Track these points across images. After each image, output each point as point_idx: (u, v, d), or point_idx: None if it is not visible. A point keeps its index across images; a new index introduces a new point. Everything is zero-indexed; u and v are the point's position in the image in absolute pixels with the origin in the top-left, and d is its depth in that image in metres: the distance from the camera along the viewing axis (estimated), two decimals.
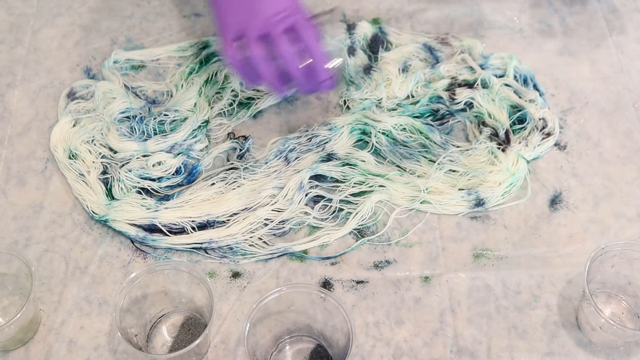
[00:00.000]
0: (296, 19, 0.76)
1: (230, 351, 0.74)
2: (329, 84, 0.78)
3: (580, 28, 1.00)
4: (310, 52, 0.76)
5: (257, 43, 0.76)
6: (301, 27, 0.76)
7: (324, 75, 0.77)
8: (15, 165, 0.87)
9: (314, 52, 0.76)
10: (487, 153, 0.86)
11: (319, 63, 0.76)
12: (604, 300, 0.77)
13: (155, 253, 0.81)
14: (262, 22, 0.76)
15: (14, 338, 0.73)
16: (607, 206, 0.84)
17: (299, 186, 0.83)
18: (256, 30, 0.76)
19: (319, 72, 0.77)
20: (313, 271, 0.79)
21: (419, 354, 0.74)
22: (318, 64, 0.76)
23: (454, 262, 0.80)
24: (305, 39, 0.76)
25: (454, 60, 0.94)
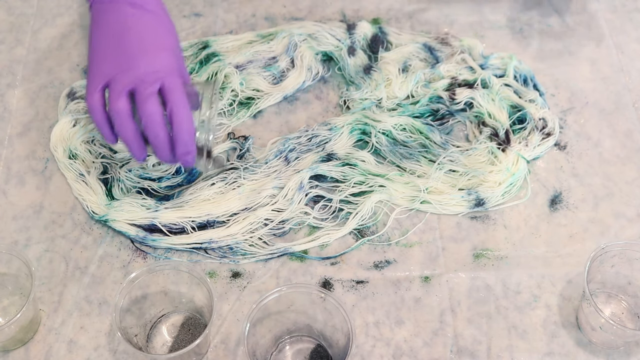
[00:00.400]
0: (170, 81, 0.69)
1: (230, 351, 0.74)
2: (187, 159, 0.71)
3: (580, 28, 1.00)
4: (173, 119, 0.68)
5: (121, 98, 0.68)
6: (171, 92, 0.69)
7: (183, 149, 0.70)
8: (15, 165, 0.87)
9: (178, 121, 0.68)
10: (487, 153, 0.86)
11: (180, 134, 0.68)
12: (604, 300, 0.77)
13: (155, 253, 0.81)
14: (132, 77, 0.69)
15: (14, 338, 0.73)
16: (607, 206, 0.84)
17: (299, 186, 0.83)
18: (124, 84, 0.69)
19: (179, 143, 0.69)
20: (313, 271, 0.79)
21: (419, 354, 0.74)
22: (179, 134, 0.68)
23: (454, 262, 0.80)
24: (171, 105, 0.68)
25: (454, 60, 0.94)
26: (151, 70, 0.70)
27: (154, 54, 0.71)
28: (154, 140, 0.69)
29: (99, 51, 0.72)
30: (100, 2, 0.75)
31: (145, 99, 0.68)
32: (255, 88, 0.92)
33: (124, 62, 0.70)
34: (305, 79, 0.93)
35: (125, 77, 0.69)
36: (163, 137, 0.69)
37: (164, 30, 0.74)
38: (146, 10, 0.74)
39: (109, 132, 0.72)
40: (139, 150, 0.71)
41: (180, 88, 0.69)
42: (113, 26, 0.73)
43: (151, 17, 0.74)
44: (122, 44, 0.71)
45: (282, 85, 0.92)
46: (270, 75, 0.93)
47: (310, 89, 0.94)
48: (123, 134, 0.70)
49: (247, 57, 0.93)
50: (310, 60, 0.94)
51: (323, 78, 0.95)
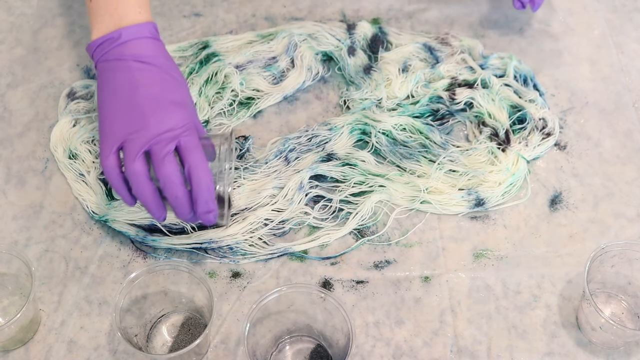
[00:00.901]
0: (186, 140, 0.68)
1: (230, 351, 0.74)
2: (210, 217, 0.69)
3: (580, 28, 1.00)
4: (192, 179, 0.67)
5: (137, 160, 0.67)
6: (188, 150, 0.68)
7: (204, 208, 0.68)
8: (15, 165, 0.87)
9: (197, 181, 0.67)
10: (487, 153, 0.86)
11: (200, 193, 0.67)
12: (604, 300, 0.77)
13: (155, 253, 0.81)
14: (147, 138, 0.67)
15: (14, 338, 0.73)
16: (607, 206, 0.84)
17: (299, 186, 0.83)
18: (139, 145, 0.67)
19: (199, 202, 0.68)
20: (313, 271, 0.79)
21: (419, 354, 0.74)
22: (199, 193, 0.67)
23: (454, 262, 0.80)
24: (190, 164, 0.67)
25: (454, 60, 0.94)
26: (165, 128, 0.68)
27: (167, 111, 0.69)
28: (173, 201, 0.68)
29: (109, 111, 0.70)
30: (105, 60, 0.73)
31: (162, 160, 0.67)
32: (255, 88, 0.92)
33: (137, 122, 0.68)
34: (305, 79, 0.93)
35: (140, 138, 0.67)
36: (182, 197, 0.68)
37: (173, 83, 0.72)
38: (153, 65, 0.71)
39: (127, 194, 0.70)
40: (158, 211, 0.70)
41: (197, 145, 0.68)
42: (121, 84, 0.71)
43: (159, 71, 0.72)
44: (132, 102, 0.69)
45: (282, 85, 0.92)
46: (270, 75, 0.93)
47: (310, 89, 0.94)
48: (141, 196, 0.68)
49: (247, 57, 0.93)
50: (310, 60, 0.94)
51: (323, 78, 0.95)
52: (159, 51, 0.74)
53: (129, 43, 0.72)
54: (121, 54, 0.72)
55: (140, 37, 0.73)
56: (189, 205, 0.69)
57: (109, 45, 0.73)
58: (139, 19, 0.74)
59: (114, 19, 0.73)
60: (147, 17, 0.75)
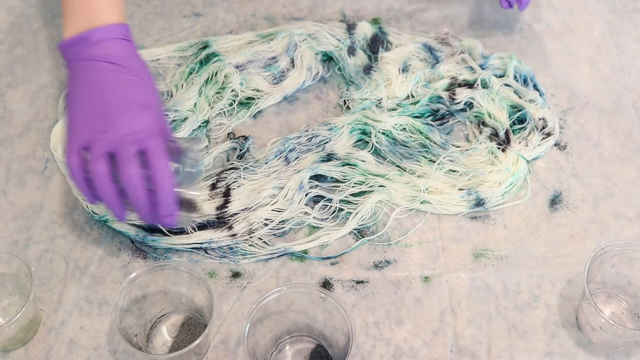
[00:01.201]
0: (150, 144, 0.68)
1: (230, 351, 0.74)
2: (169, 221, 0.70)
3: (580, 28, 1.00)
4: (155, 183, 0.68)
5: (101, 159, 0.67)
6: (152, 154, 0.68)
7: (165, 211, 0.69)
8: (15, 165, 0.87)
9: (159, 185, 0.68)
10: (487, 153, 0.86)
11: (161, 197, 0.68)
12: (604, 300, 0.77)
13: (155, 253, 0.81)
14: (112, 139, 0.68)
15: (14, 338, 0.73)
16: (607, 206, 0.84)
17: (299, 186, 0.83)
18: (103, 146, 0.68)
19: (160, 206, 0.68)
20: (313, 271, 0.79)
21: (419, 354, 0.74)
22: (160, 197, 0.68)
23: (454, 262, 0.80)
24: (152, 167, 0.68)
25: (454, 60, 0.94)
26: (130, 131, 0.68)
27: (134, 113, 0.70)
28: (135, 202, 0.69)
29: (77, 111, 0.71)
30: (77, 60, 0.73)
31: (125, 162, 0.67)
32: (255, 88, 0.92)
33: (103, 122, 0.69)
34: (305, 79, 0.93)
35: (105, 139, 0.68)
36: (143, 200, 0.68)
37: (143, 87, 0.72)
38: (124, 67, 0.71)
39: (89, 194, 0.70)
40: (119, 211, 0.71)
41: (161, 150, 0.68)
42: (91, 85, 0.71)
43: (129, 73, 0.71)
44: (100, 103, 0.70)
45: (282, 85, 0.92)
46: (270, 75, 0.93)
47: (310, 89, 0.94)
48: (103, 196, 0.69)
49: (247, 57, 0.93)
50: (310, 60, 0.94)
51: (323, 78, 0.95)
52: (130, 53, 0.74)
53: (100, 44, 0.72)
54: (92, 55, 0.72)
55: (111, 38, 0.73)
56: (149, 208, 0.69)
57: (81, 45, 0.72)
58: (112, 19, 0.74)
59: (87, 19, 0.73)
60: (120, 19, 0.75)
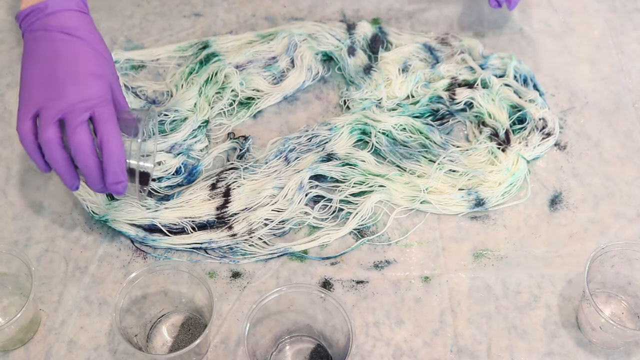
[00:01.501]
0: (100, 111, 0.69)
1: (230, 351, 0.74)
2: (118, 188, 0.70)
3: (580, 28, 1.00)
4: (103, 149, 0.68)
5: (51, 126, 0.68)
6: (101, 121, 0.68)
7: (113, 178, 0.69)
8: (15, 165, 0.87)
9: (108, 151, 0.68)
10: (487, 153, 0.86)
11: (109, 164, 0.68)
12: (604, 300, 0.77)
13: (155, 253, 0.81)
14: (62, 106, 0.68)
15: (14, 338, 0.73)
16: (607, 206, 0.84)
17: (299, 186, 0.83)
18: (53, 113, 0.68)
19: (108, 173, 0.69)
20: (313, 271, 0.79)
21: (419, 354, 0.74)
22: (109, 164, 0.68)
23: (454, 262, 0.80)
24: (101, 134, 0.68)
25: (454, 60, 0.94)
26: (81, 98, 0.69)
27: (85, 82, 0.70)
28: (83, 169, 0.69)
29: (29, 79, 0.71)
30: (32, 30, 0.73)
31: (74, 129, 0.67)
32: (255, 88, 0.92)
33: (54, 90, 0.69)
34: (305, 79, 0.93)
35: (55, 106, 0.68)
36: (93, 167, 0.68)
37: (97, 57, 0.73)
38: (79, 38, 0.72)
39: (41, 161, 0.71)
40: (70, 179, 0.71)
41: (111, 117, 0.69)
42: (44, 54, 0.71)
43: (83, 44, 0.72)
44: (52, 71, 0.70)
45: (282, 85, 0.92)
46: (270, 75, 0.93)
47: (310, 89, 0.94)
48: (53, 163, 0.69)
49: (247, 57, 0.93)
50: (310, 60, 0.94)
51: (323, 78, 0.95)
52: (85, 24, 0.74)
53: (56, 14, 0.73)
54: (47, 25, 0.72)
55: (66, 9, 0.73)
56: (99, 175, 0.69)
57: (36, 15, 0.73)
58: None
59: None
60: None
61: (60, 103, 0.68)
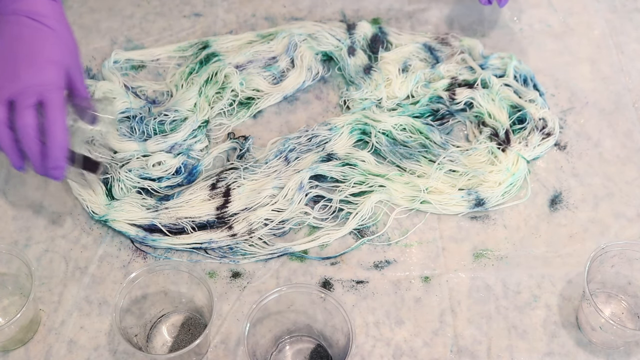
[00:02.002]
0: (49, 96, 0.70)
1: (230, 351, 0.74)
2: (55, 173, 0.71)
3: (580, 28, 1.00)
4: (47, 134, 0.70)
5: (1, 106, 0.69)
6: (49, 107, 0.70)
7: (52, 163, 0.70)
8: None
9: (51, 136, 0.70)
10: (487, 153, 0.86)
11: (51, 149, 0.70)
12: (604, 300, 0.77)
13: (155, 253, 0.81)
14: (14, 89, 0.70)
15: (14, 338, 0.73)
16: (607, 206, 0.84)
17: (299, 186, 0.83)
18: (5, 93, 0.70)
19: (49, 157, 0.70)
20: (313, 271, 0.79)
21: (419, 354, 0.74)
22: (50, 149, 0.70)
23: (454, 262, 0.80)
24: (47, 119, 0.70)
25: (454, 60, 0.94)
26: (33, 83, 0.70)
27: (40, 67, 0.71)
28: (27, 151, 0.70)
29: None
30: (3, 14, 0.74)
31: (22, 111, 0.69)
32: (255, 88, 0.92)
33: (10, 72, 0.71)
34: (305, 79, 0.93)
35: (7, 87, 0.70)
36: (35, 150, 0.70)
37: (58, 44, 0.74)
38: (44, 25, 0.73)
39: None
40: (16, 159, 0.72)
41: (58, 104, 0.70)
42: (8, 36, 0.73)
43: (48, 31, 0.73)
44: (12, 53, 0.71)
45: (282, 85, 0.92)
46: (270, 75, 0.93)
47: (310, 89, 0.94)
48: (2, 143, 0.71)
49: (247, 57, 0.93)
50: (310, 60, 0.94)
51: (323, 78, 0.95)
52: (54, 12, 0.75)
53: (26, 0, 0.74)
54: (17, 9, 0.73)
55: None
56: (40, 159, 0.71)
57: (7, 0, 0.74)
58: None
59: None
60: None
61: (13, 85, 0.70)
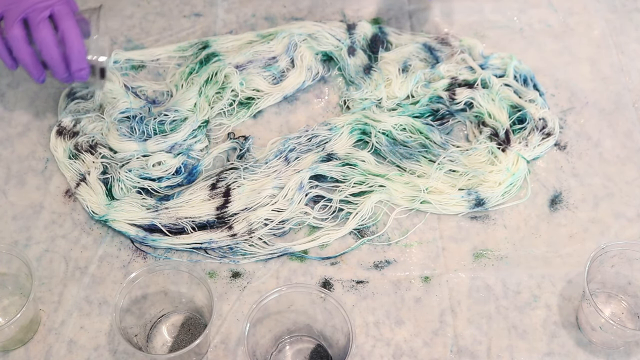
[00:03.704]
0: (59, 8, 0.78)
1: (230, 351, 0.74)
2: (82, 74, 0.80)
3: (580, 28, 1.00)
4: (65, 41, 0.78)
5: (16, 25, 0.77)
6: (60, 17, 0.78)
7: (77, 65, 0.79)
8: (15, 165, 0.87)
9: (69, 41, 0.78)
10: (487, 153, 0.86)
11: (72, 52, 0.78)
12: (604, 300, 0.77)
13: (155, 253, 0.81)
14: (24, 7, 0.77)
15: (14, 338, 0.73)
16: (607, 206, 0.84)
17: (299, 186, 0.83)
18: (17, 13, 0.77)
19: (72, 61, 0.78)
20: (313, 271, 0.79)
21: (419, 354, 0.74)
22: (72, 52, 0.78)
23: (454, 262, 0.80)
24: (62, 28, 0.78)
25: (454, 60, 0.94)
26: None
27: None
28: (49, 61, 0.78)
29: None
30: None
31: (37, 25, 0.77)
32: (255, 88, 0.92)
33: None
34: (305, 79, 0.93)
35: (17, 7, 0.77)
36: (57, 57, 0.78)
37: None
38: None
39: (9, 59, 0.80)
40: (37, 71, 0.80)
41: (69, 13, 0.78)
42: None
43: None
44: None
45: (282, 85, 0.92)
46: (270, 75, 0.93)
47: (310, 89, 0.94)
48: (21, 57, 0.78)
49: (247, 57, 0.93)
50: (310, 60, 0.94)
51: (323, 78, 0.95)
52: None
53: None
54: None
55: None
56: (63, 65, 0.79)
57: None
58: None
59: None
60: None
61: (22, 5, 0.77)
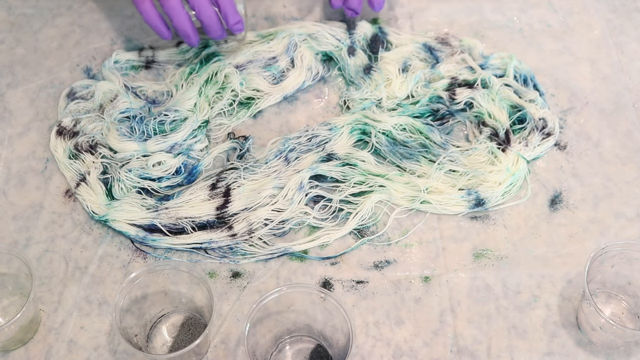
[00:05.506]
0: None
1: (230, 351, 0.74)
2: (239, 27, 0.86)
3: (580, 28, 1.00)
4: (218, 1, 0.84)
5: None
6: None
7: (233, 19, 0.85)
8: (15, 165, 0.87)
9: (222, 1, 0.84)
10: (487, 153, 0.86)
11: (227, 7, 0.84)
12: (604, 300, 0.77)
13: (155, 253, 0.81)
14: None
15: (14, 338, 0.73)
16: (607, 206, 0.84)
17: (299, 186, 0.83)
18: None
19: (229, 15, 0.85)
20: (313, 271, 0.79)
21: (419, 354, 0.74)
22: (227, 8, 0.84)
23: (454, 262, 0.80)
24: None
25: (454, 60, 0.94)
26: None
27: None
28: (207, 20, 0.84)
29: None
30: None
31: None
32: (255, 88, 0.92)
33: None
34: (305, 79, 0.93)
35: None
36: (214, 16, 0.84)
37: None
38: None
39: (164, 28, 0.85)
40: (194, 35, 0.86)
41: None
42: None
43: None
44: None
45: (282, 85, 0.92)
46: (270, 75, 0.93)
47: (310, 89, 0.94)
48: (179, 24, 0.84)
49: (247, 57, 0.93)
50: (310, 60, 0.94)
51: (323, 78, 0.95)
52: None
53: None
54: None
55: None
56: (219, 23, 0.85)
57: None
58: None
59: None
60: None
61: None
